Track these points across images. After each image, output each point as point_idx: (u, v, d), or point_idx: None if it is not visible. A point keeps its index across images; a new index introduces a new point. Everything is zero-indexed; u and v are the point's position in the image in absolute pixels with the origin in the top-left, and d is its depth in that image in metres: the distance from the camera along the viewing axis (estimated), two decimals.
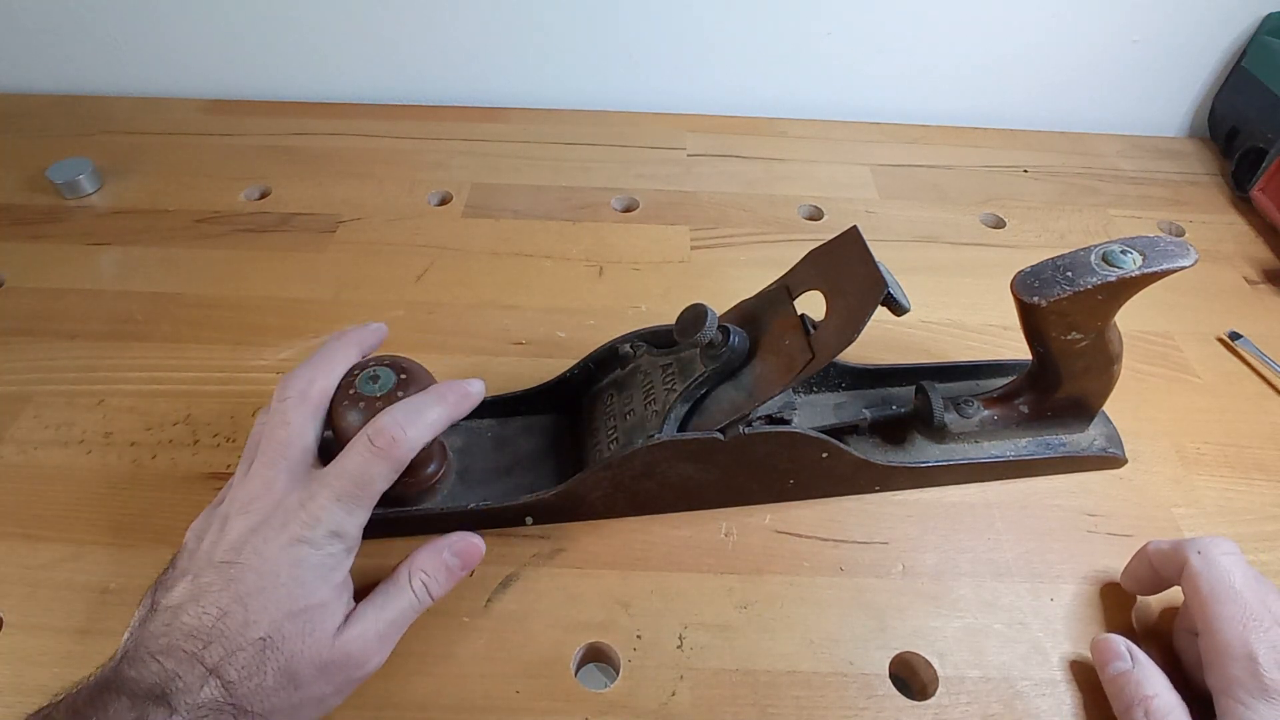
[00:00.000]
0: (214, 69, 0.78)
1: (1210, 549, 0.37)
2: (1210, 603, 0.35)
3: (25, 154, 0.70)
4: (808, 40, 0.75)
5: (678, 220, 0.66)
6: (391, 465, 0.35)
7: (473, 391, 0.39)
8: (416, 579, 0.37)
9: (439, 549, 0.38)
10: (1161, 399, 0.53)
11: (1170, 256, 0.39)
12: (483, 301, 0.58)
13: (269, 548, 0.33)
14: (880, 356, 0.52)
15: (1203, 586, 0.36)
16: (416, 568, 0.37)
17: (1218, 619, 0.34)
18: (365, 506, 0.35)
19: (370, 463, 0.35)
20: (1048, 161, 0.75)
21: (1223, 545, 0.37)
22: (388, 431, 0.35)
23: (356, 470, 0.34)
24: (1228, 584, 0.35)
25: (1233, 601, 0.35)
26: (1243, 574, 0.36)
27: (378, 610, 0.35)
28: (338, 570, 0.34)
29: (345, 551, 0.35)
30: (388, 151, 0.72)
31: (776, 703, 0.38)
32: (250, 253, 0.61)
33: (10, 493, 0.45)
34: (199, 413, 0.49)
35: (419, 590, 0.36)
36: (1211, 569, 0.36)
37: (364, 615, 0.35)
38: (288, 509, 0.34)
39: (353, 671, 0.34)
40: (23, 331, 0.54)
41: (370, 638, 0.34)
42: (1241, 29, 0.74)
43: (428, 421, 0.36)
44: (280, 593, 0.32)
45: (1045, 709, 0.38)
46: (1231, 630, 0.34)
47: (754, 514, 0.45)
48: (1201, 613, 0.35)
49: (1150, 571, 0.40)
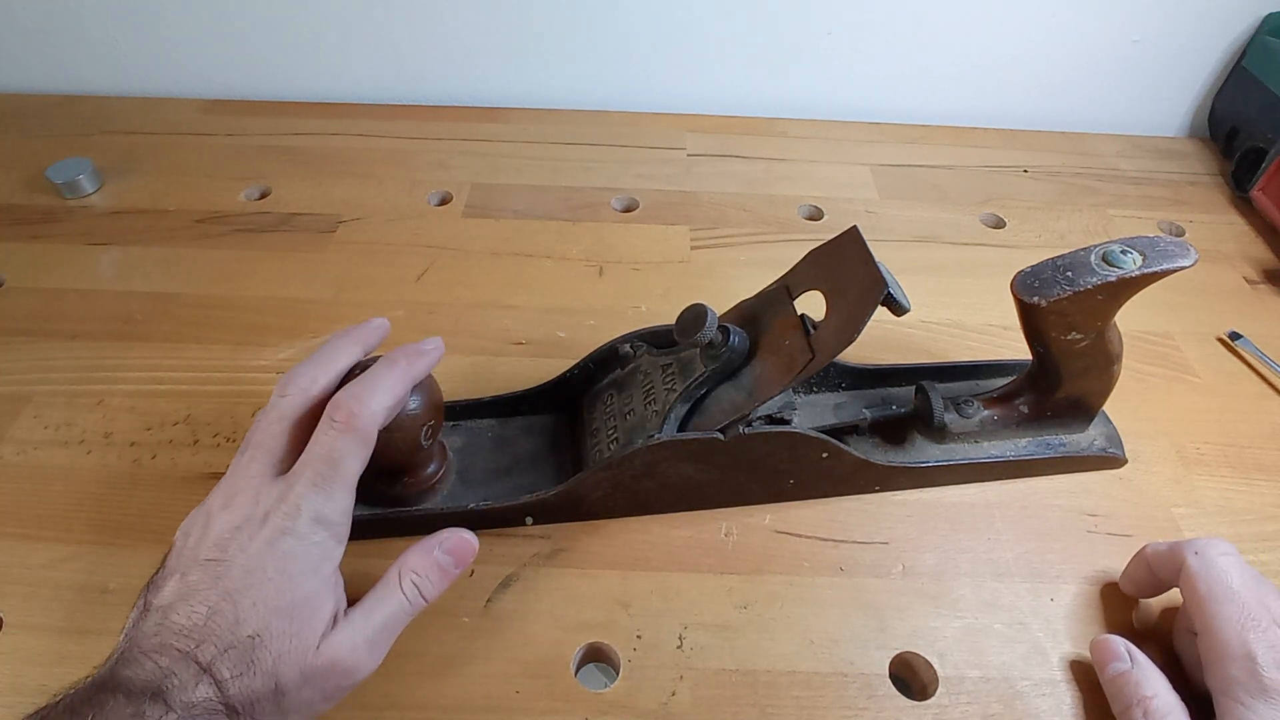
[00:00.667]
0: (214, 69, 0.78)
1: (1207, 549, 0.37)
2: (1208, 603, 0.35)
3: (25, 154, 0.70)
4: (808, 40, 0.75)
5: (678, 220, 0.66)
6: (358, 439, 0.34)
7: (426, 349, 0.38)
8: (407, 580, 0.35)
9: (429, 548, 0.36)
10: (1161, 399, 0.53)
11: (1170, 256, 0.39)
12: (483, 301, 0.58)
13: (254, 543, 0.32)
14: (880, 356, 0.52)
15: (1200, 587, 0.36)
16: (407, 568, 0.35)
17: (1216, 619, 0.34)
18: (343, 487, 0.34)
19: (335, 440, 0.34)
20: (1048, 161, 0.75)
21: (1220, 546, 0.37)
22: (345, 406, 0.34)
23: (324, 451, 0.34)
24: (1225, 584, 0.35)
25: (1230, 602, 0.35)
26: (1240, 574, 0.36)
27: (366, 615, 0.34)
28: (326, 560, 0.33)
29: (333, 540, 0.34)
30: (388, 151, 0.72)
31: (776, 703, 0.38)
32: (250, 253, 0.61)
33: (10, 493, 0.45)
34: (199, 413, 0.49)
35: (409, 592, 0.35)
36: (1209, 569, 0.36)
37: (352, 621, 0.33)
38: (268, 503, 0.33)
39: (340, 680, 0.33)
40: (23, 331, 0.54)
41: (358, 644, 0.33)
42: (1241, 29, 0.74)
43: (384, 388, 0.35)
44: (268, 588, 0.32)
45: (1045, 709, 0.38)
46: (1230, 630, 0.34)
47: (754, 514, 0.45)
48: (1199, 613, 0.35)
49: (1148, 574, 0.40)
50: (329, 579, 0.33)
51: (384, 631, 0.34)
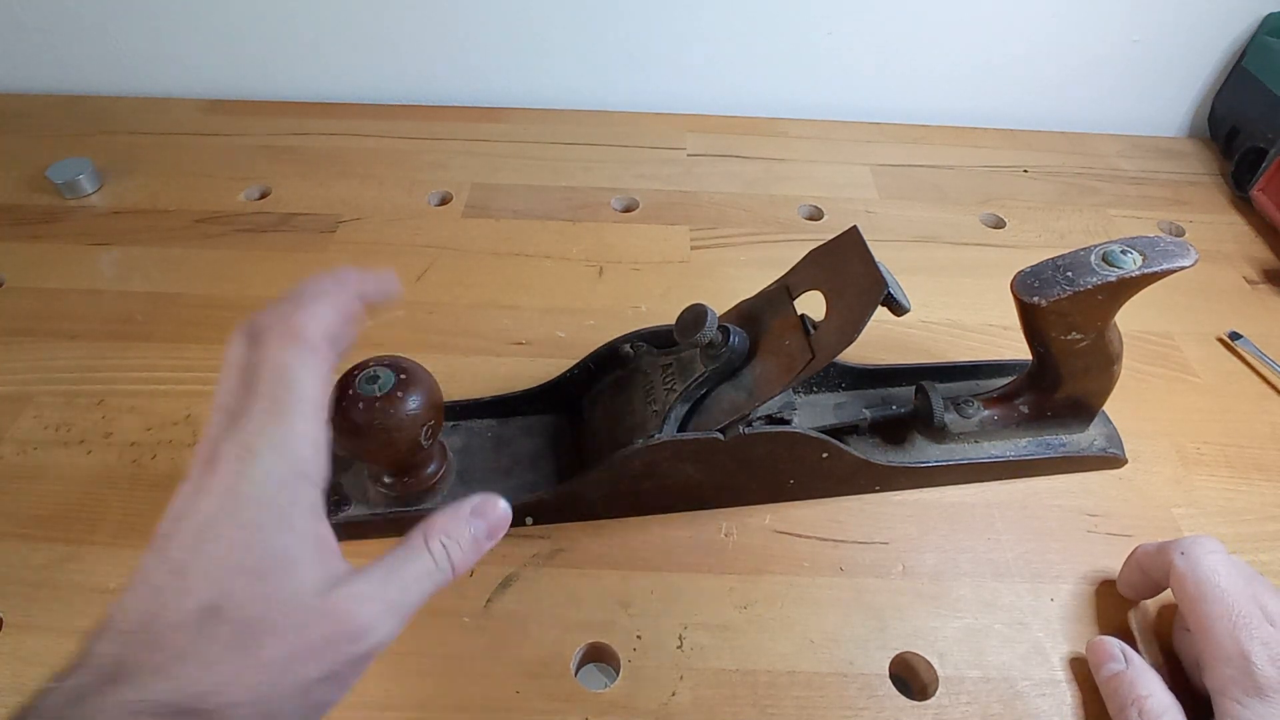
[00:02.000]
0: (214, 69, 0.78)
1: (1193, 549, 0.36)
2: (1199, 603, 0.35)
3: (25, 154, 0.70)
4: (808, 40, 0.75)
5: (678, 220, 0.66)
6: (305, 348, 0.29)
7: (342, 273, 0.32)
8: (435, 541, 0.29)
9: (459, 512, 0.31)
10: (1161, 399, 0.53)
11: (1170, 256, 0.39)
12: (483, 301, 0.58)
13: (203, 500, 0.27)
14: (880, 356, 0.52)
15: (1189, 587, 0.35)
16: (435, 531, 0.30)
17: (1208, 619, 0.34)
18: (301, 413, 0.28)
19: (278, 356, 0.28)
20: (1048, 161, 0.75)
21: (1206, 544, 0.37)
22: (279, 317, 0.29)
23: (269, 372, 0.28)
24: (1213, 583, 0.35)
25: (1219, 601, 0.34)
26: (1227, 572, 0.35)
27: (386, 571, 0.28)
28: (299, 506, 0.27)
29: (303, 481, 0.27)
30: (388, 151, 0.72)
31: (776, 703, 0.38)
32: (250, 253, 0.61)
33: (10, 493, 0.45)
34: (199, 413, 0.49)
35: (438, 554, 0.29)
36: (1196, 569, 0.36)
37: (369, 574, 0.27)
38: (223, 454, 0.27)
39: (347, 646, 0.26)
40: (23, 331, 0.54)
41: (374, 600, 0.27)
42: (1241, 29, 0.74)
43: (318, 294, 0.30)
44: (220, 545, 0.26)
45: (1045, 709, 0.38)
46: (1222, 630, 0.34)
47: (754, 514, 0.45)
48: (1191, 614, 0.35)
49: (1142, 576, 0.40)
50: (308, 531, 0.27)
51: (406, 593, 0.28)
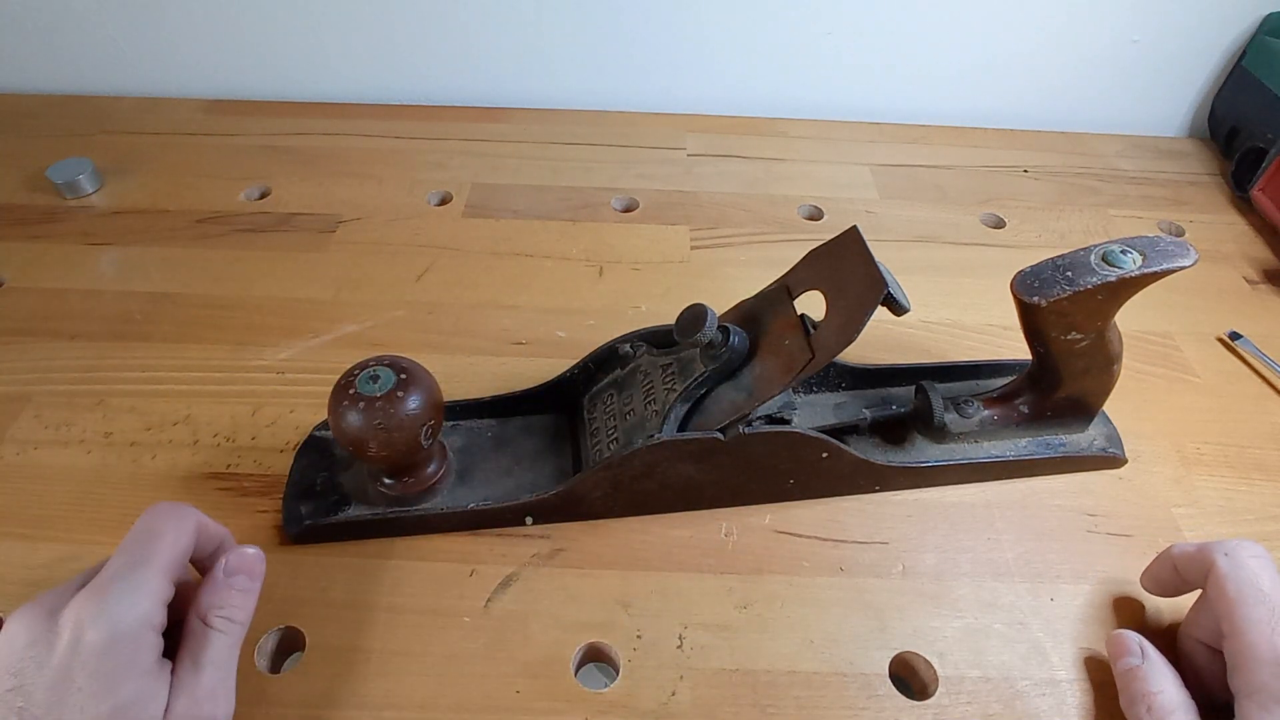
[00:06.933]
0: (214, 69, 0.78)
1: (1238, 551, 0.36)
2: (1238, 605, 0.34)
3: (25, 154, 0.70)
4: (808, 40, 0.75)
5: (678, 220, 0.66)
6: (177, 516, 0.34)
7: None
8: (213, 618, 0.33)
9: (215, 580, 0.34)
10: (1161, 399, 0.53)
11: (1170, 256, 0.39)
12: (483, 301, 0.58)
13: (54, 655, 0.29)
14: (880, 356, 0.52)
15: (1229, 589, 0.35)
16: (205, 609, 0.33)
17: (1245, 621, 0.34)
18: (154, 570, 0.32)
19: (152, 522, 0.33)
20: (1048, 161, 0.75)
21: (1251, 548, 0.36)
22: None
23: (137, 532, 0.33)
24: (1255, 586, 0.34)
25: (1261, 604, 0.34)
26: (1271, 577, 0.35)
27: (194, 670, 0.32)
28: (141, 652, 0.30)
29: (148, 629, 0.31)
30: (388, 151, 0.72)
31: (776, 703, 0.38)
32: (250, 253, 0.61)
33: (10, 493, 0.45)
34: (199, 413, 0.49)
35: (221, 625, 0.33)
36: (1239, 571, 0.35)
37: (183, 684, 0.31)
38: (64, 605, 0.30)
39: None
40: (23, 331, 0.54)
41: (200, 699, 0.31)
42: (1241, 29, 0.74)
43: None
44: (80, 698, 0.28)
45: (1045, 709, 0.38)
46: (1259, 634, 0.33)
47: (754, 514, 0.45)
48: (1228, 616, 0.34)
49: (1173, 573, 0.39)
50: (152, 668, 0.31)
51: (220, 670, 0.32)
